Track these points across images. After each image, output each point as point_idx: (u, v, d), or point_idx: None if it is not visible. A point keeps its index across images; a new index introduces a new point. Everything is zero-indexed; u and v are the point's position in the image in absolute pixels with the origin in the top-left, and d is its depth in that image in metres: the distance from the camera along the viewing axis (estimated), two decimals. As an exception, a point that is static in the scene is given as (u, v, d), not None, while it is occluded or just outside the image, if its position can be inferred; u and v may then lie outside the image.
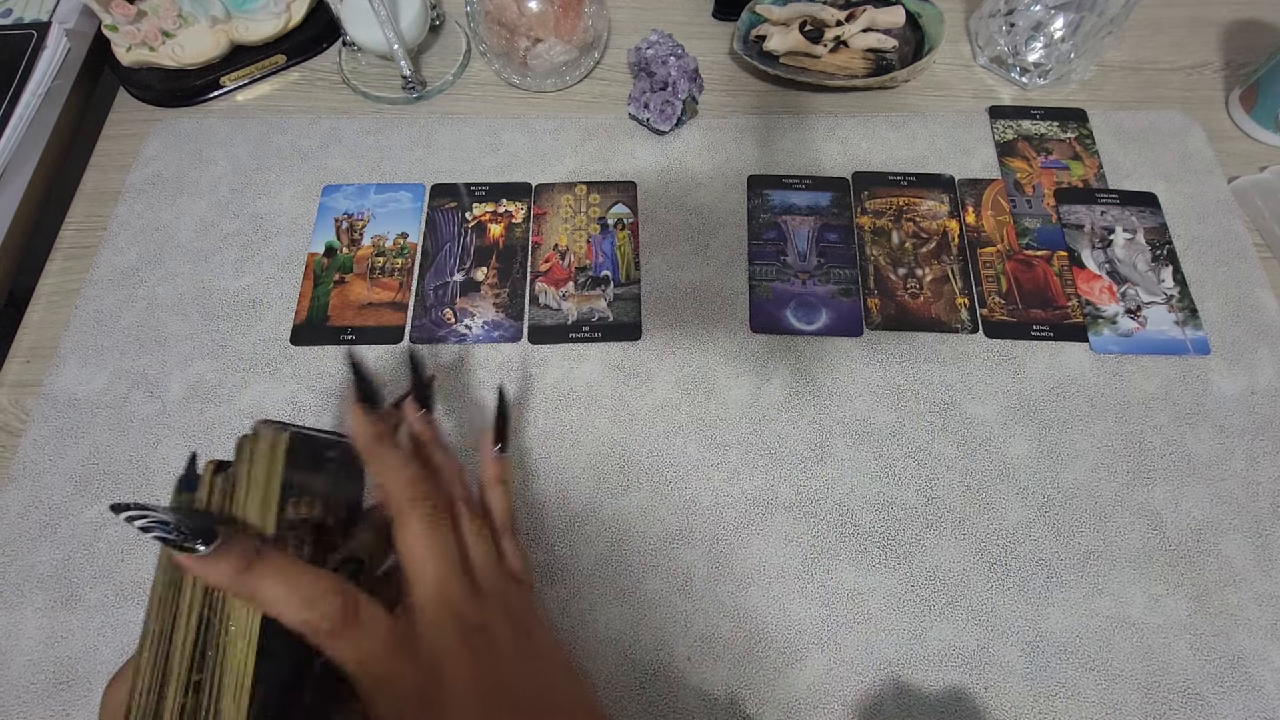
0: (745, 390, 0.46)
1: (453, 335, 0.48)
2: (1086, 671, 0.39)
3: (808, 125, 0.56)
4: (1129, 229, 0.51)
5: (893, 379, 0.47)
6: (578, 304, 0.49)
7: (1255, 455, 0.44)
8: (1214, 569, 0.41)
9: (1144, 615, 0.40)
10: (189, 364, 0.47)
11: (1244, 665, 0.39)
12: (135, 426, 0.45)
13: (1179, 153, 0.55)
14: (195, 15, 0.56)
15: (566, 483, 0.44)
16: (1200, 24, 0.62)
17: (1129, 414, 0.45)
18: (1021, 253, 0.51)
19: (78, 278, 0.50)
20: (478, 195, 0.53)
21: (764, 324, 0.48)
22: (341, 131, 0.56)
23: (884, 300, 0.49)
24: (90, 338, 0.48)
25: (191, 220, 0.52)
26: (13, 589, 0.41)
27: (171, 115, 0.58)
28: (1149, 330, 0.48)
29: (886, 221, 0.52)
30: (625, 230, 0.52)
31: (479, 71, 0.60)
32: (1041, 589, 0.41)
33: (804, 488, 0.43)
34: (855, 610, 0.40)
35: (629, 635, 0.40)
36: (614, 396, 0.46)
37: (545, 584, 0.41)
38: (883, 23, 0.58)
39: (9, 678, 0.39)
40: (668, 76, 0.54)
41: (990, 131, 0.56)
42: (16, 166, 0.53)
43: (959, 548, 0.42)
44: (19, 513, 0.43)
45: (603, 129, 0.56)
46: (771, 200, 0.53)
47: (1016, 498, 0.43)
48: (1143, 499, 0.43)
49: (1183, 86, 0.59)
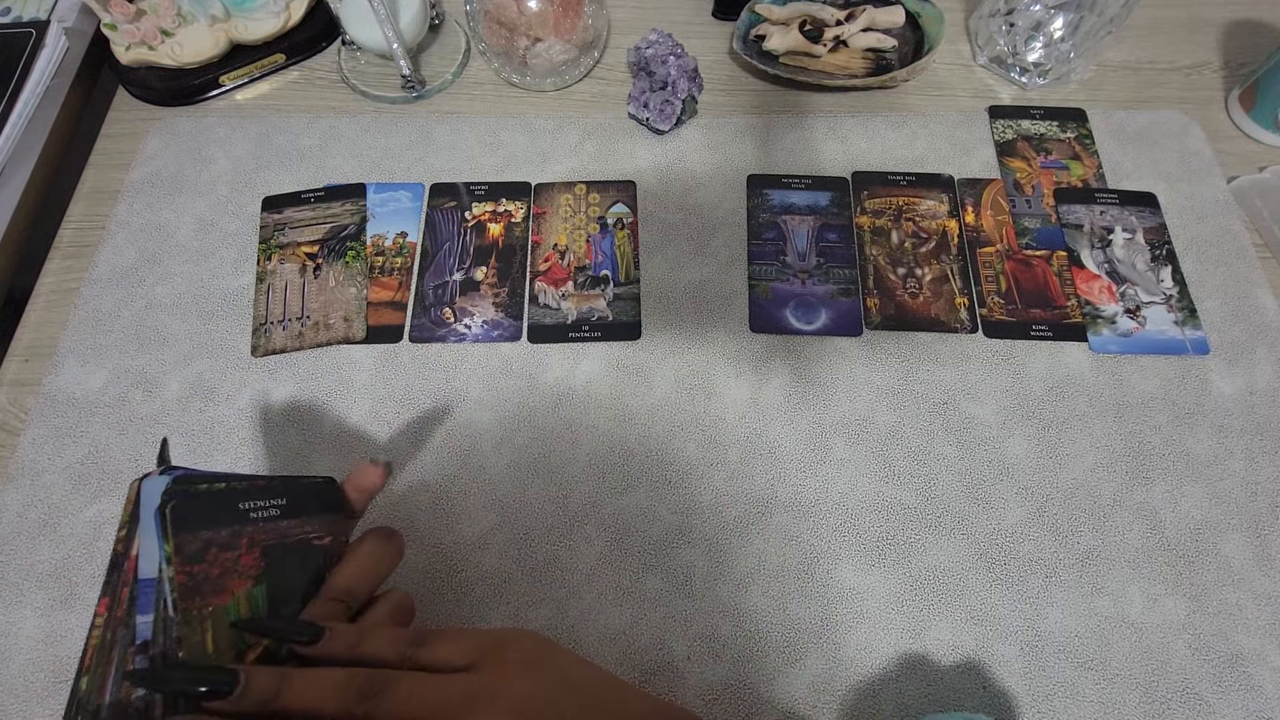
0: (745, 390, 0.46)
1: (452, 335, 0.48)
2: (1085, 671, 0.39)
3: (807, 125, 0.56)
4: (1128, 229, 0.51)
5: (892, 379, 0.47)
6: (577, 303, 0.49)
7: (1254, 455, 0.44)
8: (1213, 569, 0.41)
9: (1143, 615, 0.40)
10: (188, 363, 0.47)
11: (1242, 665, 0.39)
12: (134, 426, 0.45)
13: (1178, 153, 0.55)
14: (194, 14, 0.56)
15: (566, 482, 0.44)
16: (1200, 24, 0.62)
17: (1128, 414, 0.45)
18: (1021, 252, 0.51)
19: (77, 277, 0.50)
20: (477, 195, 0.53)
21: (763, 324, 0.48)
22: (341, 131, 0.56)
23: (883, 300, 0.49)
24: (89, 337, 0.48)
25: (191, 219, 0.52)
26: (12, 588, 0.41)
27: (170, 114, 0.58)
28: (1148, 330, 0.48)
29: (886, 221, 0.52)
30: (625, 230, 0.52)
31: (478, 71, 0.60)
32: (1040, 588, 0.41)
33: (803, 487, 0.43)
34: (855, 610, 0.40)
35: (629, 634, 0.40)
36: (613, 396, 0.46)
37: (545, 584, 0.41)
38: (882, 22, 0.58)
39: (9, 677, 0.39)
40: (667, 76, 0.54)
41: (990, 131, 0.56)
42: (15, 165, 0.53)
43: (958, 547, 0.42)
44: (18, 512, 0.43)
45: (602, 128, 0.56)
46: (771, 200, 0.53)
47: (1015, 497, 0.43)
48: (1142, 499, 0.43)
49: (1182, 86, 0.59)
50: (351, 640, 0.29)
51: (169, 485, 0.28)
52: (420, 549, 0.42)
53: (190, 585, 0.28)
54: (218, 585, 0.28)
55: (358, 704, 0.26)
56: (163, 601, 0.27)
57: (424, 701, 0.27)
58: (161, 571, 0.27)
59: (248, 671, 0.26)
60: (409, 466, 0.44)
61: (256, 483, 0.31)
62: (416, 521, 0.42)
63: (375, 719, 0.27)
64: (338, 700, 0.26)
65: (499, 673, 0.29)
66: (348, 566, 0.32)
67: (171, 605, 0.27)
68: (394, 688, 0.27)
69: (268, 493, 0.31)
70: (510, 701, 0.28)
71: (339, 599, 0.31)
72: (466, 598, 0.41)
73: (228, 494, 0.30)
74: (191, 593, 0.28)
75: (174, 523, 0.28)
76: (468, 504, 0.43)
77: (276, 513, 0.31)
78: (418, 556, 0.41)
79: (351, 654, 0.29)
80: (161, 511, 0.28)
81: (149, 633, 0.27)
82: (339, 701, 0.26)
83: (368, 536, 0.33)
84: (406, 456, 0.44)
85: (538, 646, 0.30)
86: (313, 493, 0.32)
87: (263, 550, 0.30)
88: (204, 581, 0.28)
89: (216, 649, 0.28)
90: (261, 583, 0.29)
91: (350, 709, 0.26)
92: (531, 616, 0.40)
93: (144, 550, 0.27)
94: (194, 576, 0.28)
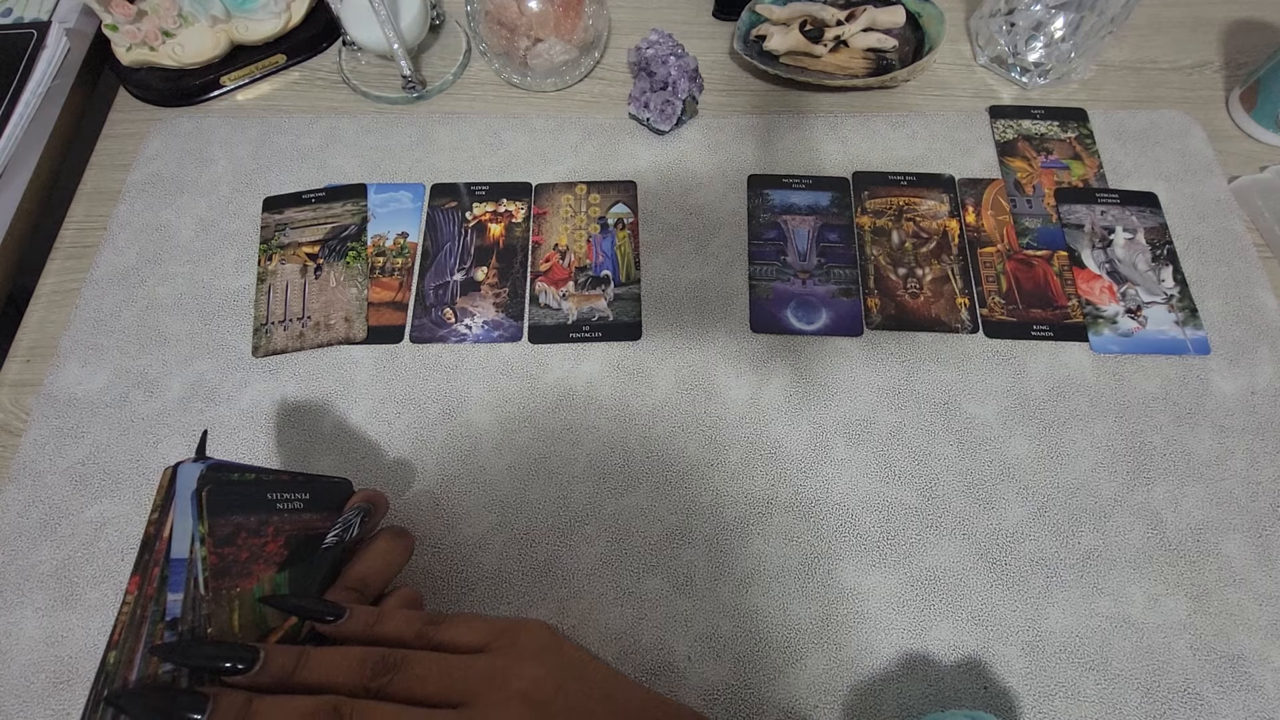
0: (745, 390, 0.46)
1: (453, 335, 0.48)
2: (1086, 671, 0.39)
3: (808, 125, 0.56)
4: (1129, 229, 0.51)
5: (893, 379, 0.47)
6: (578, 304, 0.49)
7: (1255, 455, 0.44)
8: (1214, 569, 0.41)
9: (1144, 615, 0.40)
10: (189, 364, 0.47)
11: (1244, 665, 0.39)
12: (135, 426, 0.45)
13: (1179, 152, 0.55)
14: (195, 15, 0.56)
15: (566, 483, 0.44)
16: (1200, 24, 0.62)
17: (1129, 414, 0.45)
18: (1022, 252, 0.51)
19: (78, 277, 0.50)
20: (478, 195, 0.53)
21: (764, 324, 0.48)
22: (341, 131, 0.56)
23: (884, 300, 0.49)
24: (90, 337, 0.48)
25: (192, 220, 0.53)
26: (13, 589, 0.41)
27: (171, 115, 0.58)
28: (1149, 330, 0.48)
29: (887, 221, 0.52)
30: (625, 230, 0.52)
31: (479, 71, 0.60)
32: (1041, 589, 0.41)
33: (804, 487, 0.43)
34: (855, 610, 0.40)
35: (629, 635, 0.40)
36: (614, 396, 0.46)
37: (546, 584, 0.41)
38: (883, 22, 0.58)
39: (9, 678, 0.39)
40: (668, 76, 0.54)
41: (990, 131, 0.56)
42: (16, 166, 0.53)
43: (959, 547, 0.42)
44: (19, 512, 0.43)
45: (603, 129, 0.56)
46: (772, 200, 0.53)
47: (1016, 497, 0.43)
48: (1143, 499, 0.43)
49: (1183, 86, 0.59)
50: (370, 620, 0.30)
51: (204, 471, 0.30)
52: (421, 549, 0.42)
53: (221, 566, 0.29)
54: (245, 569, 0.30)
55: (373, 679, 0.28)
56: (194, 580, 0.28)
57: (438, 679, 0.28)
58: (194, 551, 0.29)
59: (268, 649, 0.27)
60: (409, 467, 0.44)
61: (281, 477, 0.33)
62: (417, 521, 0.42)
63: (390, 693, 0.28)
64: (355, 675, 0.28)
65: (512, 656, 0.30)
66: (363, 560, 0.34)
67: (203, 584, 0.28)
68: (410, 665, 0.28)
69: (292, 487, 0.33)
70: (522, 684, 0.29)
71: (355, 588, 0.32)
72: (467, 597, 0.41)
73: (257, 484, 0.31)
74: (222, 573, 0.29)
75: (209, 506, 0.29)
76: (468, 504, 0.43)
77: (300, 506, 0.32)
78: (418, 556, 0.41)
79: (369, 633, 0.30)
80: (198, 494, 0.29)
81: (179, 610, 0.28)
82: (356, 676, 0.28)
83: (382, 534, 0.35)
84: (407, 457, 0.44)
85: (550, 636, 0.32)
86: (331, 491, 0.34)
87: (286, 540, 0.31)
88: (233, 564, 0.29)
89: (243, 628, 0.29)
90: (284, 570, 0.31)
91: (366, 683, 0.28)
92: (532, 616, 0.40)
93: (177, 532, 0.29)
94: (224, 558, 0.29)
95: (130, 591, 0.28)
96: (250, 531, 0.30)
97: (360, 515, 0.34)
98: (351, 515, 0.34)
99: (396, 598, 0.34)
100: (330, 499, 0.34)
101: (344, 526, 0.33)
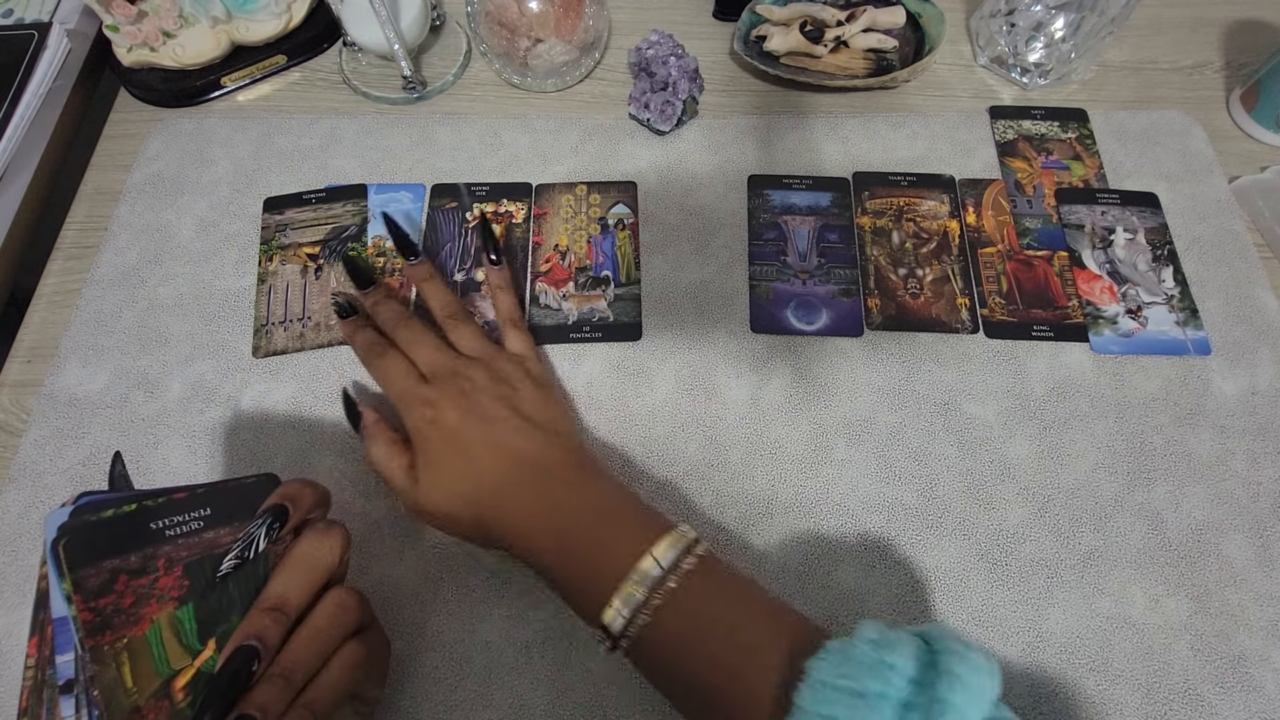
0: (745, 390, 0.46)
1: (453, 335, 0.48)
2: (1087, 672, 0.39)
3: (808, 125, 0.56)
4: (1130, 229, 0.51)
5: (893, 379, 0.47)
6: (578, 304, 0.49)
7: (1256, 456, 0.44)
8: (1215, 569, 0.41)
9: (1144, 615, 0.40)
10: (189, 364, 0.47)
11: (1245, 666, 0.39)
12: (136, 427, 0.45)
13: (1179, 153, 0.55)
14: (196, 15, 0.56)
15: (567, 483, 0.44)
16: (1201, 24, 0.62)
17: (1129, 414, 0.45)
18: (1022, 253, 0.51)
19: (78, 278, 0.51)
20: (478, 195, 0.53)
21: (764, 324, 0.48)
22: (342, 131, 0.56)
23: (884, 300, 0.49)
24: (91, 338, 0.48)
25: (192, 220, 0.53)
26: (13, 589, 0.41)
27: (172, 115, 0.58)
28: (1150, 330, 0.48)
29: (887, 221, 0.52)
30: (626, 230, 0.52)
31: (479, 71, 0.60)
32: (1042, 589, 0.41)
33: (804, 488, 0.43)
34: (855, 610, 0.40)
35: (629, 635, 0.40)
36: (614, 397, 0.46)
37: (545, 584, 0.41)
38: (883, 23, 0.58)
39: (10, 678, 0.39)
40: (668, 76, 0.54)
41: (991, 131, 0.56)
42: (17, 167, 0.53)
43: (959, 548, 0.42)
44: (19, 513, 0.43)
45: (603, 129, 0.56)
46: (772, 200, 0.53)
47: (1017, 498, 0.43)
48: (1143, 499, 0.43)
49: (1183, 86, 0.59)
50: None
51: (66, 520, 0.27)
52: (421, 549, 0.42)
53: (98, 621, 0.26)
54: (131, 615, 0.27)
55: None
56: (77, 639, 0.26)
57: None
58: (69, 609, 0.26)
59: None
60: (410, 467, 0.44)
61: (175, 496, 0.29)
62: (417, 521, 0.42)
63: None
64: None
65: None
66: (280, 573, 0.30)
67: (78, 644, 0.26)
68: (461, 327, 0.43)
69: (188, 505, 0.29)
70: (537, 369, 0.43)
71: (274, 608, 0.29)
72: (467, 598, 0.41)
73: (136, 515, 0.28)
74: (100, 628, 0.26)
75: (69, 559, 0.27)
76: (469, 504, 0.43)
77: (199, 525, 0.29)
78: (418, 557, 0.41)
79: None
80: (54, 549, 0.26)
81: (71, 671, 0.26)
82: None
83: (301, 537, 0.31)
84: (407, 457, 0.44)
85: None
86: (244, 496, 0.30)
87: (185, 568, 0.28)
88: (114, 614, 0.27)
89: (138, 680, 0.26)
90: (186, 603, 0.28)
91: None
92: (532, 617, 0.40)
93: (53, 589, 0.26)
94: (101, 611, 0.26)
95: (30, 655, 0.26)
96: (132, 572, 0.27)
97: (266, 523, 0.30)
98: (254, 528, 0.29)
99: (328, 604, 0.30)
100: (243, 506, 0.30)
101: (245, 543, 0.29)
